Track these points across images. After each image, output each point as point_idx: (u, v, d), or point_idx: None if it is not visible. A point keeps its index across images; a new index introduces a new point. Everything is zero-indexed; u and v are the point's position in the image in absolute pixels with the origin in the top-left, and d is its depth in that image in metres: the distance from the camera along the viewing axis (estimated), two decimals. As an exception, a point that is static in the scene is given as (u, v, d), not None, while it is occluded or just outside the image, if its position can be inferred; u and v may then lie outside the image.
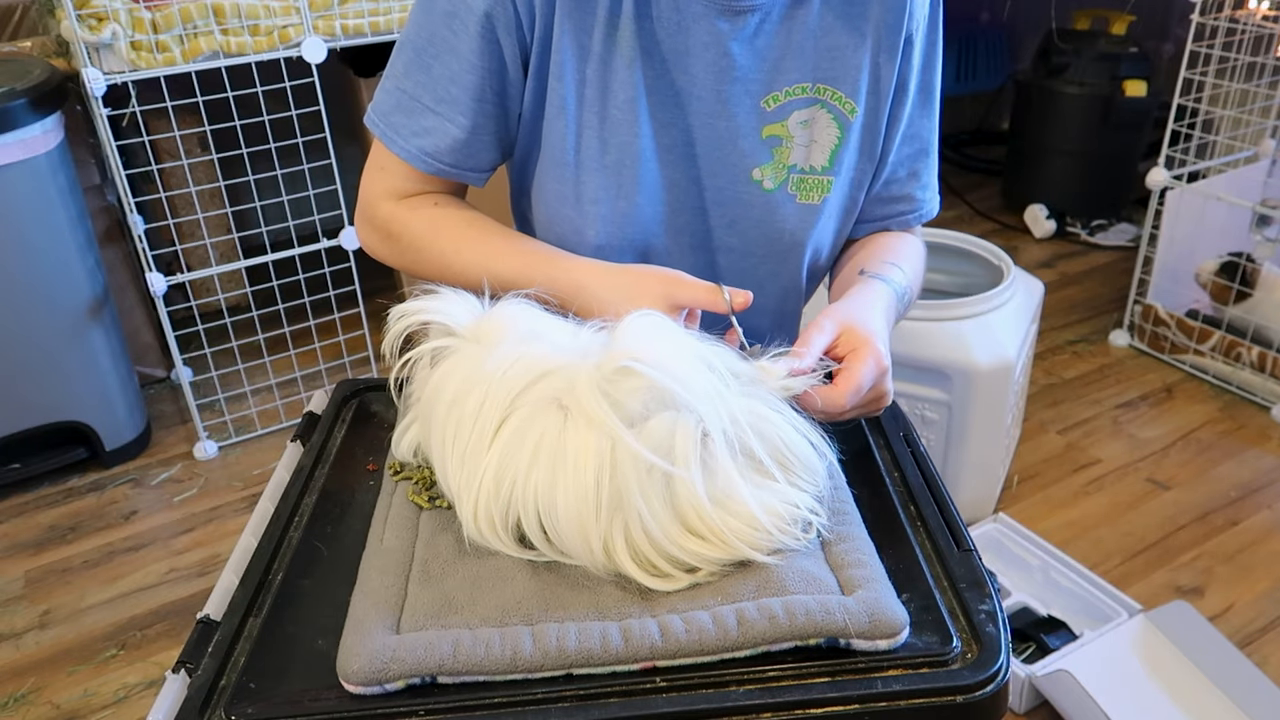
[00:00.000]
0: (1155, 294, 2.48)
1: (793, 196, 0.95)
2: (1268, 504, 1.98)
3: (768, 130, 0.93)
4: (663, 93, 0.91)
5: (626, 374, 0.67)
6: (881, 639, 0.61)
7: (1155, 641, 1.57)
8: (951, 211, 3.39)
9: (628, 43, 0.88)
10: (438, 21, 0.88)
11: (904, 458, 0.82)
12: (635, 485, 0.65)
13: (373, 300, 2.60)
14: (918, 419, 1.83)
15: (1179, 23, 3.23)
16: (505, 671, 0.60)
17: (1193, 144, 2.41)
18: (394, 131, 0.92)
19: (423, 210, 0.95)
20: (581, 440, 0.67)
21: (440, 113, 0.90)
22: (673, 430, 0.66)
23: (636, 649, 0.61)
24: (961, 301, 1.77)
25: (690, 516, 0.66)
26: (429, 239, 0.94)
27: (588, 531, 0.66)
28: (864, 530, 0.71)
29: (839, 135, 0.95)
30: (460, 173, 0.94)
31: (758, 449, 0.69)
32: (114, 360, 2.16)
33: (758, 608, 0.62)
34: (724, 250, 0.99)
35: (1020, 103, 3.23)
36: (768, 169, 0.94)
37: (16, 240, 1.94)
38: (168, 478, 2.20)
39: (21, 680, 1.68)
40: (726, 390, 0.70)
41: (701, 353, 0.72)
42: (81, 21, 1.84)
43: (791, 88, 0.92)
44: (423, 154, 0.92)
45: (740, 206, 0.95)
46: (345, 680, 0.60)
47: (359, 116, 2.41)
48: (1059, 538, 1.87)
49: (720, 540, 0.66)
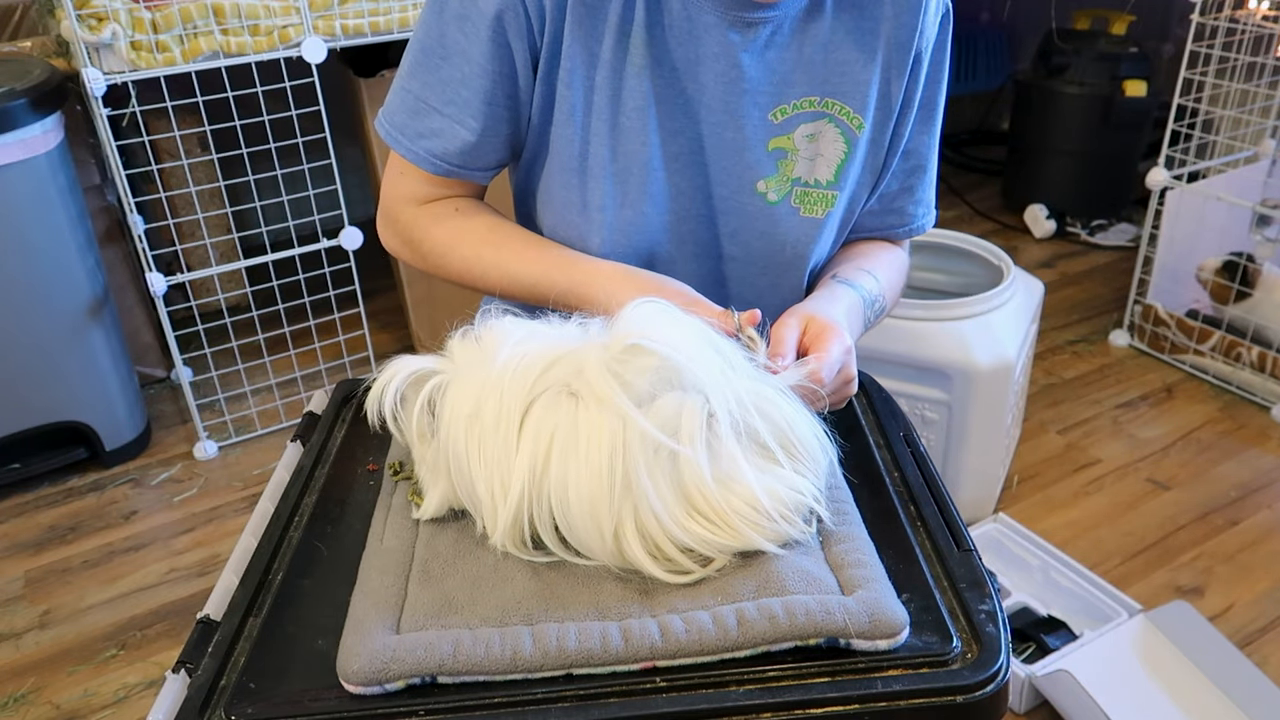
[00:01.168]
0: (1155, 294, 2.48)
1: (796, 210, 0.95)
2: (1268, 504, 1.98)
3: (774, 143, 0.93)
4: (672, 101, 0.91)
5: (635, 352, 0.67)
6: (881, 639, 0.61)
7: (1155, 641, 1.57)
8: (951, 211, 3.39)
9: (639, 51, 0.88)
10: (449, 24, 0.88)
11: (904, 458, 0.82)
12: (643, 465, 0.66)
13: (373, 300, 2.60)
14: (918, 419, 1.83)
15: (1179, 23, 3.23)
16: (505, 671, 0.60)
17: (1193, 144, 2.41)
18: (399, 133, 0.92)
19: (445, 219, 0.96)
20: (594, 423, 0.67)
21: (448, 114, 0.90)
22: (679, 410, 0.67)
23: (637, 649, 0.61)
24: (961, 301, 1.77)
25: (695, 496, 0.67)
26: (451, 246, 0.95)
27: (600, 517, 0.66)
28: (864, 530, 0.71)
29: (845, 150, 0.94)
30: (468, 173, 0.94)
31: (763, 431, 0.69)
32: (114, 360, 2.16)
33: (757, 608, 0.62)
34: (727, 259, 0.99)
35: (1020, 103, 3.23)
36: (772, 181, 0.94)
37: (16, 240, 1.94)
38: (168, 478, 2.20)
39: (21, 680, 1.68)
40: (732, 372, 0.70)
41: (708, 335, 0.72)
42: (81, 21, 1.84)
43: (799, 101, 0.92)
44: (430, 156, 0.92)
45: (743, 217, 0.95)
46: (345, 680, 0.60)
47: (359, 116, 2.41)
48: (1059, 538, 1.87)
49: (724, 523, 0.66)
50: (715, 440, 0.67)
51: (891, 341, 1.76)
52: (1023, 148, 3.26)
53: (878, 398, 0.92)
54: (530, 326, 0.75)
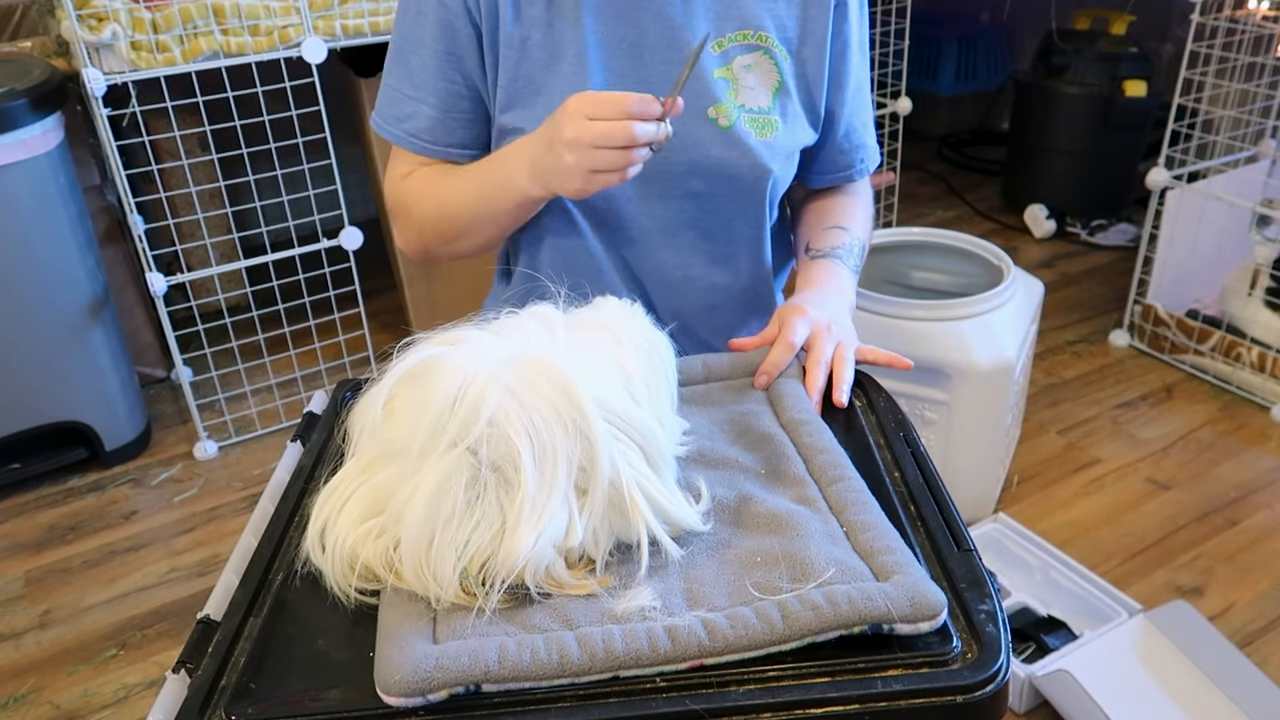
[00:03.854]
0: (1155, 294, 2.48)
1: (749, 132, 1.02)
2: (1268, 504, 1.98)
3: (717, 72, 1.01)
4: (615, 45, 0.99)
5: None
6: (924, 621, 0.61)
7: (1155, 641, 1.57)
8: (951, 211, 3.39)
9: (570, 5, 0.97)
10: (409, 21, 1.02)
11: (904, 458, 0.82)
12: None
13: (373, 300, 2.60)
14: (918, 419, 1.83)
15: (1179, 23, 3.23)
16: (553, 676, 0.59)
17: (1193, 144, 2.41)
18: (385, 121, 1.06)
19: (422, 178, 1.05)
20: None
21: (415, 97, 1.03)
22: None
23: (684, 648, 0.60)
24: (961, 301, 1.77)
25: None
26: (422, 194, 1.04)
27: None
28: (885, 517, 0.71)
29: (779, 80, 1.03)
30: (444, 150, 1.05)
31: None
32: (114, 360, 2.16)
33: (799, 599, 0.62)
34: (690, 196, 1.04)
35: (1020, 103, 3.23)
36: (722, 107, 1.01)
37: (16, 240, 1.94)
38: (168, 478, 2.20)
39: (21, 680, 1.68)
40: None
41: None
42: (81, 21, 1.84)
43: (734, 34, 1.01)
44: (409, 135, 1.04)
45: (701, 147, 1.01)
46: (385, 693, 0.59)
47: (359, 116, 2.41)
48: (1059, 538, 1.87)
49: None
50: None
51: (891, 341, 1.76)
52: (1023, 148, 3.25)
53: (878, 398, 0.92)
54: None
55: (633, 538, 0.68)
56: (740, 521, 0.73)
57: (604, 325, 0.76)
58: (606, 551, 0.68)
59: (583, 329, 0.75)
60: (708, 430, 0.85)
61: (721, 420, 0.87)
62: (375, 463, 0.69)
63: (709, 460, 0.81)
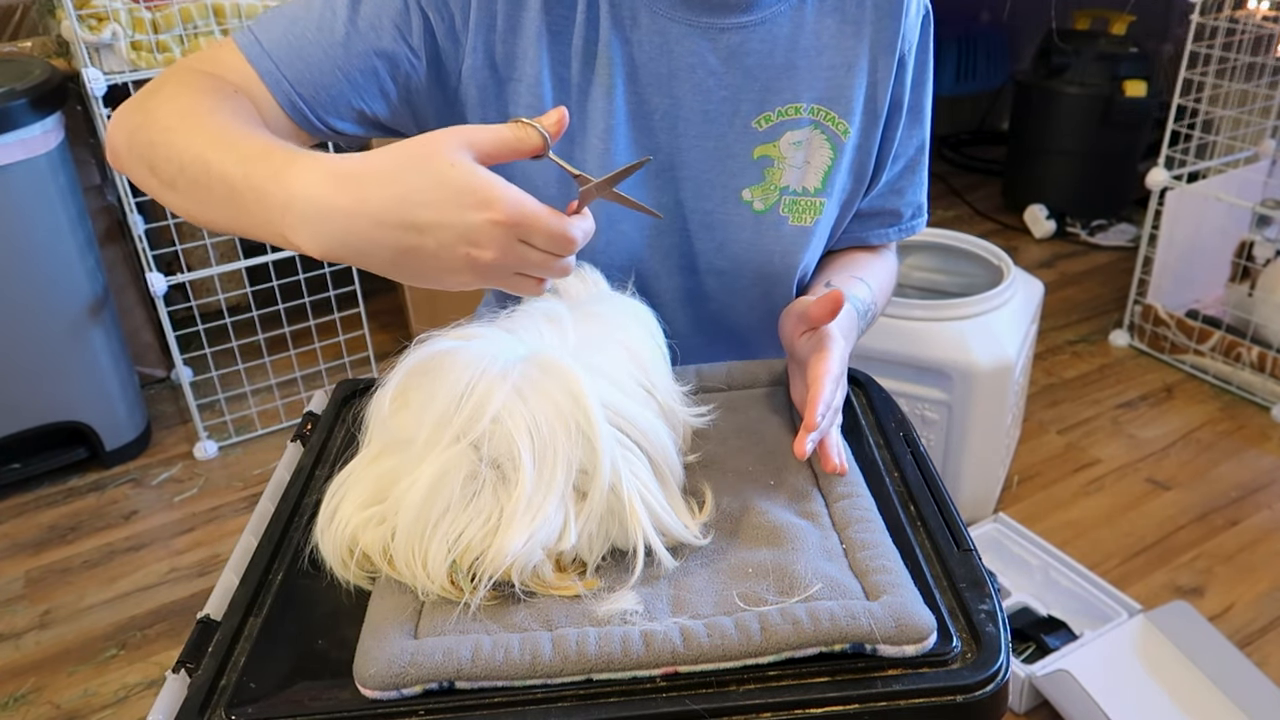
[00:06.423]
0: (1155, 294, 2.48)
1: (785, 219, 0.94)
2: (1268, 504, 1.98)
3: (759, 151, 0.92)
4: (646, 117, 0.90)
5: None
6: (908, 644, 0.60)
7: (1155, 641, 1.57)
8: (951, 211, 3.39)
9: (605, 70, 0.87)
10: None
11: (904, 458, 0.82)
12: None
13: (373, 300, 2.60)
14: (918, 419, 1.83)
15: (1179, 23, 3.23)
16: (524, 676, 0.59)
17: (1193, 144, 2.41)
18: (259, 34, 0.89)
19: (222, 92, 0.80)
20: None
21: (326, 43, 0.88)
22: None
23: (658, 654, 0.60)
24: (961, 301, 1.77)
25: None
26: (187, 110, 0.74)
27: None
28: (888, 537, 0.70)
29: (832, 157, 0.93)
30: (314, 121, 0.85)
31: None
32: (114, 360, 2.16)
33: (781, 613, 0.61)
34: (713, 273, 0.97)
35: (1020, 103, 3.23)
36: (758, 190, 0.93)
37: (16, 240, 1.94)
38: (168, 478, 2.20)
39: (22, 680, 1.68)
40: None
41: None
42: (81, 21, 1.84)
43: (784, 108, 0.91)
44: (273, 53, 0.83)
45: (729, 229, 0.94)
46: (362, 685, 0.60)
47: (359, 116, 2.41)
48: (1059, 538, 1.87)
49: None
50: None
51: (891, 341, 1.76)
52: (1023, 148, 3.26)
53: (878, 398, 0.92)
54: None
55: (629, 545, 0.68)
56: (739, 532, 0.73)
57: (609, 317, 0.76)
58: (600, 556, 0.68)
59: (589, 321, 0.75)
60: (721, 437, 0.85)
61: (737, 428, 0.87)
62: (383, 452, 0.69)
63: (719, 468, 0.80)
